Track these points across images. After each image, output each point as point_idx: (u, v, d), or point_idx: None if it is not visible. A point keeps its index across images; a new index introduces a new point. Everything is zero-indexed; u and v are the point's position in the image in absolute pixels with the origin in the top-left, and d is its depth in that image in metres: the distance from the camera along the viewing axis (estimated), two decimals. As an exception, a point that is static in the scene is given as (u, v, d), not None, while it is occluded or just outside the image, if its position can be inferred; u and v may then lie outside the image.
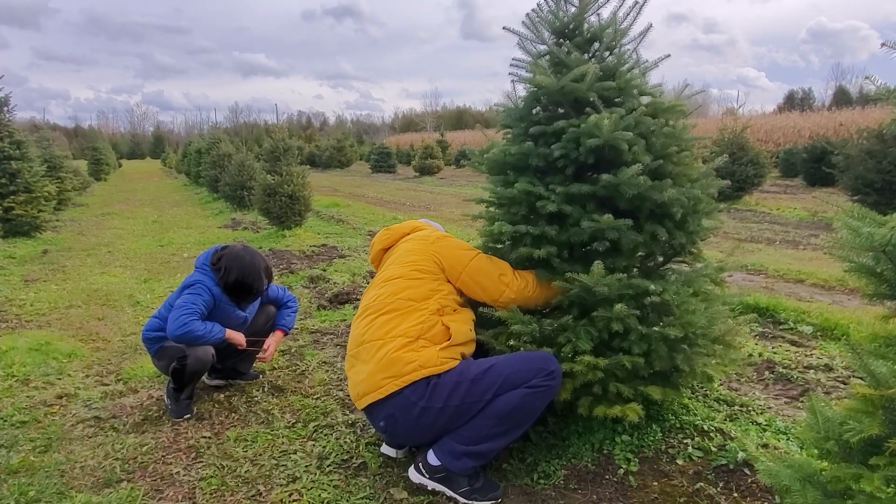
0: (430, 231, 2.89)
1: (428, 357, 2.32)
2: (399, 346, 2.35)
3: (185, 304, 3.14)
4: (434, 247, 2.68)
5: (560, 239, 2.62)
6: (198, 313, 3.14)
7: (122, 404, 3.40)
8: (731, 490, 2.29)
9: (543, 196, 2.60)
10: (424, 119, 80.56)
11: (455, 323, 2.47)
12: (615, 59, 2.79)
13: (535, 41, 2.90)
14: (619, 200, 2.55)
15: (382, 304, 2.51)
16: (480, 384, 2.30)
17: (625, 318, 2.38)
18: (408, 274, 2.58)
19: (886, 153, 10.32)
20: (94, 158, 26.76)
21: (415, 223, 3.01)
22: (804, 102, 54.95)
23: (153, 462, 2.77)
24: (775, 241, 9.03)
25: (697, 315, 2.56)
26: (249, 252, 3.38)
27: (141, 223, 11.85)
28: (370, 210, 13.22)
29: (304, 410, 3.23)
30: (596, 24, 2.82)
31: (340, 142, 34.59)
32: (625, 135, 2.47)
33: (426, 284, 2.55)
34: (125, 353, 4.27)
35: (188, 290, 3.21)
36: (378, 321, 2.47)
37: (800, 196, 16.01)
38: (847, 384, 3.44)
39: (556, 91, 2.67)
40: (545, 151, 2.66)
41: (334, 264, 6.93)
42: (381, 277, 2.68)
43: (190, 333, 3.07)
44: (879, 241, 1.27)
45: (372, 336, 2.45)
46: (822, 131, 24.99)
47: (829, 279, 6.14)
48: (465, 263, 2.62)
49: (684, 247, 2.87)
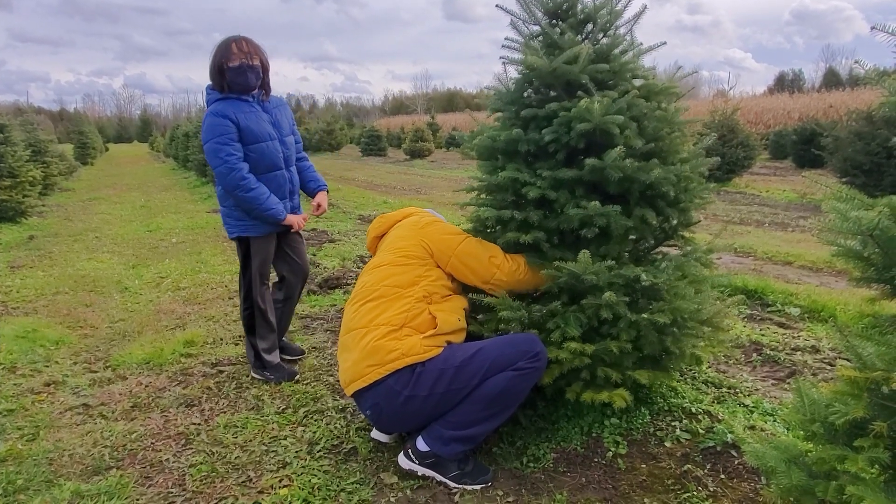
0: (420, 217, 2.87)
1: (411, 345, 2.32)
2: (382, 335, 2.35)
3: (217, 151, 3.13)
4: (423, 231, 2.67)
5: (549, 225, 2.60)
6: (240, 160, 3.16)
7: (110, 391, 3.38)
8: (718, 472, 2.31)
9: (529, 182, 2.58)
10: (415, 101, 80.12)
11: (442, 312, 2.45)
12: (609, 42, 2.76)
13: (528, 21, 2.86)
14: (608, 184, 2.53)
15: (369, 290, 2.51)
16: (466, 370, 2.30)
17: (614, 305, 2.38)
18: (395, 260, 2.57)
19: (875, 135, 10.38)
20: (81, 142, 26.43)
21: (409, 210, 2.98)
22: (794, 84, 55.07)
23: (142, 449, 2.77)
24: (764, 223, 9.08)
25: (687, 299, 2.57)
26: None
27: (128, 208, 11.74)
28: (360, 194, 13.16)
29: (294, 396, 3.23)
30: (590, 5, 2.79)
31: (330, 125, 34.26)
32: (616, 118, 2.44)
33: (413, 270, 2.53)
34: (113, 339, 4.25)
35: (208, 139, 3.16)
36: (364, 308, 2.47)
37: (789, 178, 16.09)
38: (833, 366, 3.47)
39: (548, 73, 2.64)
40: (535, 137, 2.63)
41: (324, 249, 6.90)
42: (372, 264, 2.68)
43: (245, 189, 3.14)
44: (867, 225, 1.26)
45: (357, 323, 2.44)
46: (811, 113, 25.12)
47: (818, 261, 6.18)
48: (454, 247, 2.60)
49: (676, 230, 2.87)
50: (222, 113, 3.13)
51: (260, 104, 3.30)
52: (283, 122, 3.43)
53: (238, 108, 3.18)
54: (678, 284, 2.58)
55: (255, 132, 3.20)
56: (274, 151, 3.29)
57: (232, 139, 3.13)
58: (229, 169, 3.11)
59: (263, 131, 3.24)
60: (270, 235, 3.36)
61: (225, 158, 3.11)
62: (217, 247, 7.41)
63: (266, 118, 3.30)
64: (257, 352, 3.44)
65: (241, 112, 3.17)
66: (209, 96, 3.27)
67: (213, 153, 3.13)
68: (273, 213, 3.24)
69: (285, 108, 3.50)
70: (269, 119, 3.32)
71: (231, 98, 3.20)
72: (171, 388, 3.42)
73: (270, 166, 3.28)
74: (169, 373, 3.63)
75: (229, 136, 3.12)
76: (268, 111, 3.34)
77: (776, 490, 1.58)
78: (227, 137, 3.12)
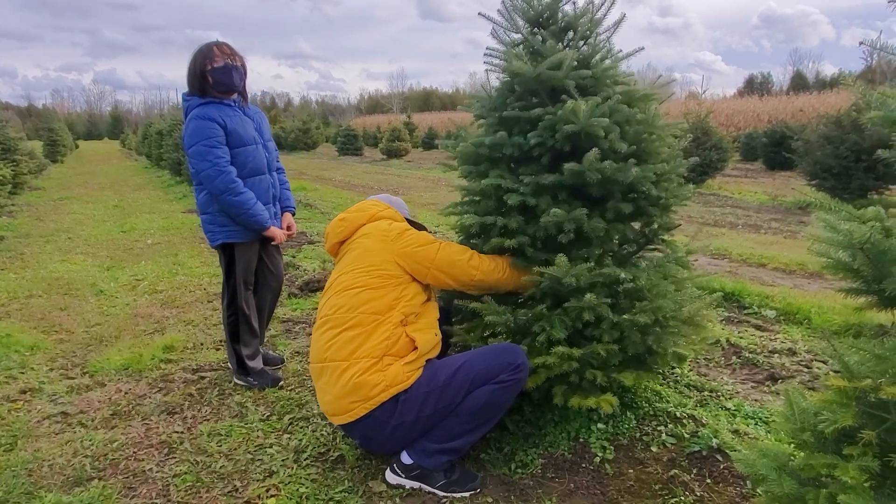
0: (388, 223, 2.67)
1: (394, 375, 2.29)
2: (364, 369, 2.29)
3: (205, 155, 3.08)
4: (395, 246, 2.52)
5: (530, 230, 2.62)
6: (227, 162, 3.12)
7: (89, 399, 3.32)
8: (705, 476, 2.34)
9: (511, 189, 2.59)
10: (391, 101, 79.87)
11: (420, 333, 2.42)
12: (590, 49, 2.79)
13: (510, 29, 2.88)
14: (589, 187, 2.56)
15: (344, 318, 2.39)
16: (450, 388, 2.30)
17: (596, 307, 2.40)
18: (369, 283, 2.44)
19: (844, 139, 10.62)
20: (50, 139, 25.83)
21: (372, 208, 2.75)
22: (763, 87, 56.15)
23: (124, 459, 2.72)
24: (738, 225, 9.23)
25: (668, 298, 2.61)
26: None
27: (101, 208, 11.51)
28: (338, 194, 13.07)
29: (278, 403, 3.20)
30: (571, 13, 2.81)
31: (306, 123, 33.99)
32: (601, 121, 2.46)
33: (390, 293, 2.43)
34: (90, 344, 4.16)
35: (194, 142, 3.10)
36: (341, 338, 2.37)
37: (760, 180, 16.38)
38: (810, 368, 3.55)
39: (532, 79, 2.66)
40: (520, 141, 2.65)
41: (304, 250, 6.84)
42: (342, 283, 2.50)
43: (233, 193, 3.10)
44: (859, 238, 1.30)
45: (335, 355, 2.36)
46: (780, 115, 25.62)
47: (790, 263, 6.31)
48: (432, 258, 2.52)
49: (657, 233, 2.91)
50: (208, 116, 3.09)
51: (241, 109, 3.27)
52: (264, 129, 3.42)
53: (223, 111, 3.15)
54: (659, 284, 2.63)
55: (242, 135, 3.17)
56: (259, 155, 3.27)
57: (220, 142, 3.09)
58: (218, 172, 3.07)
59: (248, 135, 3.22)
60: (254, 242, 3.33)
61: (214, 161, 3.07)
62: (194, 248, 7.31)
63: (250, 123, 3.27)
64: (240, 358, 3.40)
65: (226, 115, 3.14)
66: (188, 103, 3.22)
67: (200, 156, 3.08)
68: (259, 219, 3.20)
69: (263, 116, 3.50)
70: (252, 124, 3.29)
71: (213, 102, 3.16)
72: (151, 394, 3.37)
73: (256, 170, 3.25)
74: (149, 379, 3.57)
75: (217, 138, 3.08)
76: (249, 116, 3.31)
77: (765, 498, 1.61)
78: (214, 140, 3.08)
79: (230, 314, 3.37)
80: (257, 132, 3.31)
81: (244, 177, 3.18)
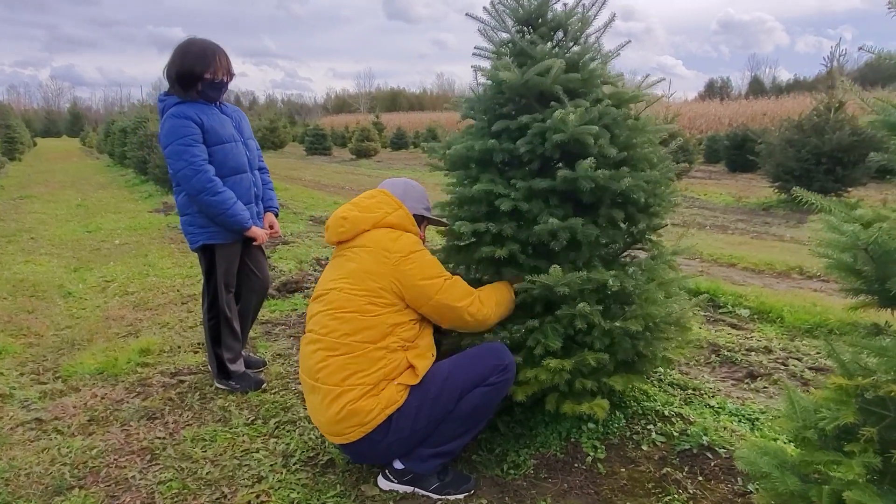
0: (393, 236, 2.39)
1: (388, 397, 2.23)
2: (359, 396, 2.20)
3: (182, 154, 2.99)
4: (396, 272, 2.29)
5: (521, 237, 2.61)
6: (205, 160, 3.04)
7: (63, 404, 3.21)
8: (696, 474, 2.38)
9: (502, 194, 2.58)
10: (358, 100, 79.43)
11: (420, 359, 2.32)
12: (580, 50, 2.79)
13: (498, 29, 2.87)
14: (581, 194, 2.57)
15: (337, 343, 2.24)
16: (441, 400, 2.27)
17: (588, 315, 2.40)
18: (365, 309, 2.25)
19: (805, 142, 10.94)
20: (7, 137, 24.96)
21: (379, 209, 2.45)
22: (723, 91, 57.49)
23: (105, 466, 2.64)
24: (706, 225, 9.42)
25: (658, 304, 2.63)
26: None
27: (64, 207, 11.17)
28: (309, 194, 12.94)
29: (262, 406, 3.14)
30: (561, 13, 2.81)
31: (273, 122, 33.50)
32: (590, 129, 2.46)
33: (386, 320, 2.26)
34: (61, 348, 4.03)
35: (170, 141, 3.02)
36: (334, 363, 2.24)
37: (723, 181, 16.75)
38: (786, 366, 3.64)
39: (519, 86, 2.65)
40: (510, 147, 2.64)
41: (278, 251, 6.74)
42: (334, 301, 2.30)
43: (211, 192, 3.02)
44: (865, 239, 1.32)
45: (328, 379, 2.24)
46: (740, 119, 26.31)
47: (759, 263, 6.46)
48: (431, 296, 2.33)
49: (644, 233, 2.94)
50: (184, 114, 3.02)
51: (218, 107, 3.20)
52: (244, 127, 3.35)
53: (199, 109, 3.08)
54: (648, 289, 2.64)
55: (220, 133, 3.11)
56: (238, 153, 3.20)
57: (196, 140, 3.01)
58: (195, 171, 2.99)
59: (227, 132, 3.15)
60: (236, 243, 3.25)
61: (190, 160, 2.99)
62: (164, 249, 7.15)
63: (228, 121, 3.20)
64: (221, 362, 3.32)
65: (202, 113, 3.07)
66: (164, 102, 3.14)
67: (176, 155, 3.00)
68: (239, 219, 3.13)
69: (243, 114, 3.42)
70: (230, 121, 3.22)
71: (189, 101, 3.09)
72: (129, 399, 3.28)
73: (236, 168, 3.18)
74: (126, 383, 3.47)
75: (193, 137, 3.01)
76: (227, 114, 3.24)
77: (767, 495, 1.64)
78: (190, 139, 3.00)
79: (211, 318, 3.29)
80: (236, 130, 3.24)
81: (224, 176, 3.11)
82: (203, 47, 3.05)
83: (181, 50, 3.06)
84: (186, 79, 3.04)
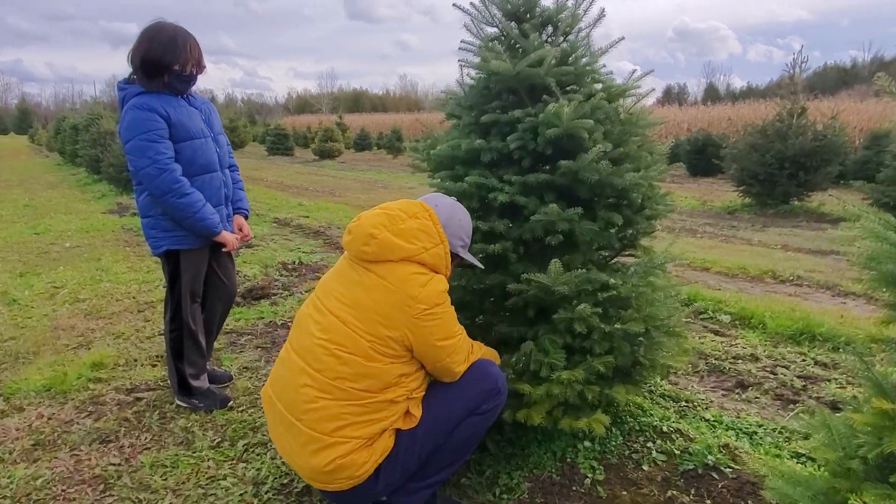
0: (421, 282, 1.98)
1: (383, 447, 1.98)
2: (353, 449, 1.92)
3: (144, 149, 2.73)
4: (415, 326, 1.95)
5: (513, 235, 2.46)
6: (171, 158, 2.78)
7: (5, 426, 2.90)
8: (703, 496, 2.23)
9: (496, 188, 2.43)
10: (320, 101, 78.42)
11: (418, 404, 2.07)
12: (570, 44, 2.67)
13: (486, 23, 2.72)
14: (579, 189, 2.43)
15: (331, 386, 1.93)
16: (431, 438, 2.04)
17: (587, 318, 2.27)
18: (372, 356, 1.93)
19: (769, 147, 11.08)
20: (-52, 133, 23.80)
21: (414, 244, 2.01)
22: (680, 97, 58.84)
23: (51, 498, 2.36)
24: (675, 229, 9.42)
25: (658, 307, 2.52)
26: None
27: (10, 207, 10.56)
28: (272, 195, 12.56)
29: (229, 426, 2.89)
30: (550, 7, 2.68)
31: (233, 121, 32.68)
32: (585, 123, 2.34)
33: (392, 370, 1.96)
34: (4, 362, 3.68)
35: (132, 136, 2.74)
36: (324, 407, 1.92)
37: (686, 185, 16.95)
38: (775, 374, 3.55)
39: (511, 77, 2.51)
40: (499, 145, 2.50)
41: (241, 255, 6.43)
42: (336, 333, 1.97)
43: (179, 193, 2.77)
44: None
45: (315, 425, 1.93)
46: (699, 124, 26.90)
47: (732, 267, 6.44)
48: (437, 360, 2.03)
49: (636, 238, 2.83)
50: (149, 106, 2.73)
51: (186, 99, 2.93)
52: (214, 121, 3.07)
53: (166, 101, 2.80)
54: (645, 291, 2.53)
55: (189, 128, 2.83)
56: (208, 150, 2.93)
57: (162, 136, 2.74)
58: (159, 170, 2.72)
59: (196, 127, 2.88)
60: (203, 248, 2.99)
61: (154, 158, 2.71)
62: (119, 252, 6.75)
63: (197, 114, 2.93)
64: (182, 377, 3.05)
65: (170, 106, 2.79)
66: (125, 91, 2.83)
67: (139, 152, 2.72)
68: (208, 223, 2.87)
69: (212, 106, 3.14)
70: (199, 115, 2.96)
71: (155, 92, 2.81)
72: (79, 420, 2.98)
73: (205, 166, 2.91)
74: (76, 402, 3.17)
75: (158, 132, 2.73)
76: (196, 107, 2.97)
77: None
78: (155, 134, 2.72)
79: (173, 329, 3.02)
80: (206, 124, 2.98)
81: (192, 175, 2.85)
82: (173, 35, 2.76)
83: (148, 34, 2.75)
84: (152, 68, 2.75)
